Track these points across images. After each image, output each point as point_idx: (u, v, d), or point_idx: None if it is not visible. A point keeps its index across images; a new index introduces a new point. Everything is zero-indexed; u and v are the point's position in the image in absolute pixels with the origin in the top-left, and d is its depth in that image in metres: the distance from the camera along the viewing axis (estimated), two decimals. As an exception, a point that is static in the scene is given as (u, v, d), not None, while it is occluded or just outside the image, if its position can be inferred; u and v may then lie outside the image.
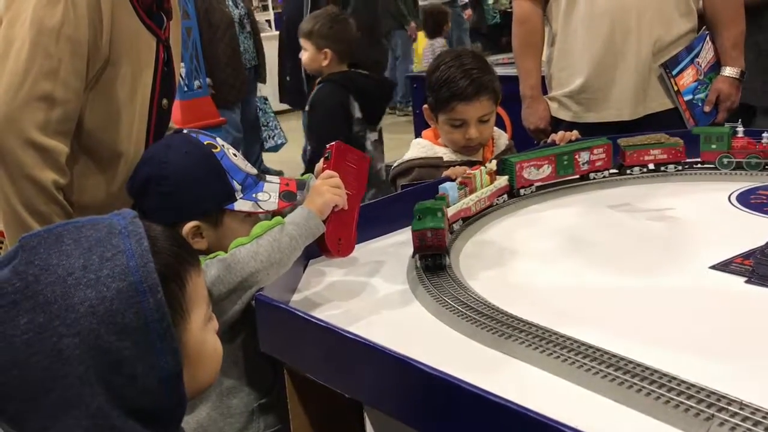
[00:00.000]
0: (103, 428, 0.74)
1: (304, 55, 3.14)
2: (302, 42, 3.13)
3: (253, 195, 1.34)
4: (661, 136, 1.89)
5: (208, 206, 1.32)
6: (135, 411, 0.76)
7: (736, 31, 2.27)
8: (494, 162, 1.69)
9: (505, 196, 1.70)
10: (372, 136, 3.10)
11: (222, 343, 1.28)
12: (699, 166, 1.86)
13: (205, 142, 1.35)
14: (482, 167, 1.63)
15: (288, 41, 4.31)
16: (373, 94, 3.08)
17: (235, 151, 1.40)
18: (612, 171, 1.84)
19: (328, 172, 1.37)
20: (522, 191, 1.72)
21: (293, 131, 5.44)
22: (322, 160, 1.43)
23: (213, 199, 1.32)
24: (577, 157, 1.78)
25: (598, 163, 1.82)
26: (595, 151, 1.81)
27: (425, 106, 1.95)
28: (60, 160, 1.36)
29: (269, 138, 5.24)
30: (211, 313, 0.91)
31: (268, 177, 1.40)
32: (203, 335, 0.86)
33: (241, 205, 1.32)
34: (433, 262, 1.31)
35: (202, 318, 0.86)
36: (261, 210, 1.33)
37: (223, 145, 1.37)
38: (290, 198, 1.36)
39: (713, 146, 1.83)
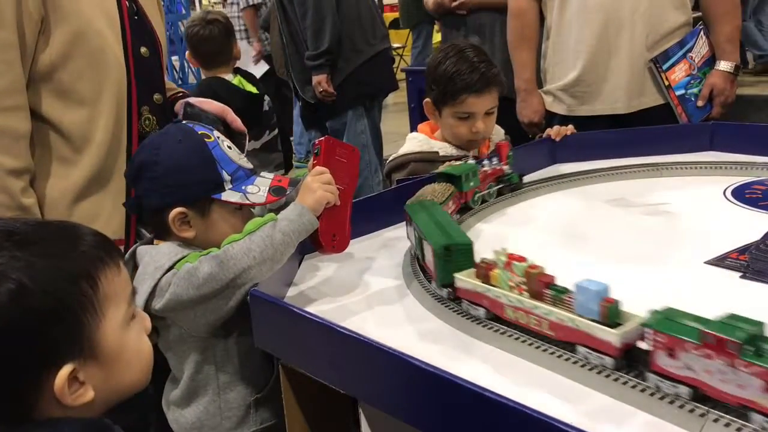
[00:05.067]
0: None
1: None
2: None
3: (243, 187, 1.33)
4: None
5: (195, 193, 1.32)
6: None
7: (732, 26, 2.27)
8: None
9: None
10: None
11: (218, 339, 1.30)
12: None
13: (199, 132, 1.36)
14: None
15: None
16: (234, 104, 2.95)
17: (230, 144, 1.40)
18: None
19: (318, 168, 1.36)
20: None
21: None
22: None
23: (200, 186, 1.32)
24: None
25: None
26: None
27: (427, 100, 1.94)
28: None
29: None
30: (138, 312, 0.91)
31: (263, 173, 1.39)
32: (123, 334, 0.86)
33: (229, 195, 1.32)
34: None
35: (120, 317, 0.86)
36: (248, 202, 1.33)
37: (218, 137, 1.37)
38: (280, 193, 1.36)
39: (471, 184, 1.62)
